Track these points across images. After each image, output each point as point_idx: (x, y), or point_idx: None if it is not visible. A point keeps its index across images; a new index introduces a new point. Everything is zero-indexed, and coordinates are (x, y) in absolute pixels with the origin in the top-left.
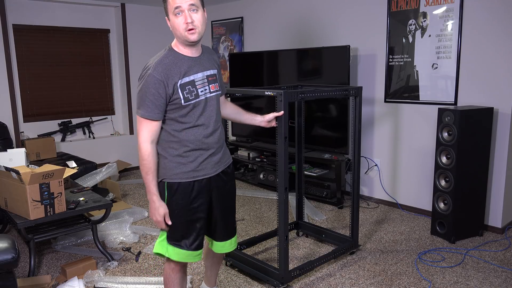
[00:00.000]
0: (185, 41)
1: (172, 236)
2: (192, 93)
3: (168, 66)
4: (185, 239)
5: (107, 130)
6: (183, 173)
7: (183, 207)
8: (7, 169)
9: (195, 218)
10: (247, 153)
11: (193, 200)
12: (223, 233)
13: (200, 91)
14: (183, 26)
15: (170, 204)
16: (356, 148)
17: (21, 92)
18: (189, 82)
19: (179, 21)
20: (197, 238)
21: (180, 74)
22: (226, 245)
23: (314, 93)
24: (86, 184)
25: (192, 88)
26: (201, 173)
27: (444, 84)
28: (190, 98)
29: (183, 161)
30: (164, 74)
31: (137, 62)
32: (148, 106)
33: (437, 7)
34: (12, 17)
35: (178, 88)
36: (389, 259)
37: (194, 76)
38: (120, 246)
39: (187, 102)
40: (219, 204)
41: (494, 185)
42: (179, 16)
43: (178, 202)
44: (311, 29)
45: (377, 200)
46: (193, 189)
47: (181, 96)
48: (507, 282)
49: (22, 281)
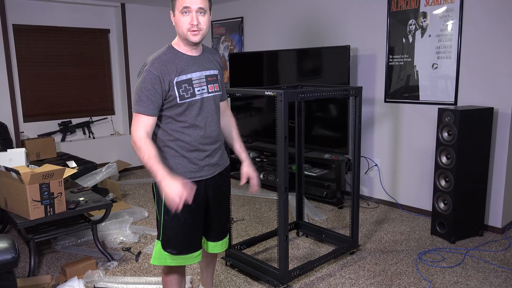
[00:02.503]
0: (185, 40)
1: (168, 242)
2: (188, 91)
3: (165, 62)
4: (181, 242)
5: (107, 130)
6: (182, 174)
7: (182, 208)
8: (7, 169)
9: (193, 219)
10: (247, 153)
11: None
12: (216, 233)
13: (197, 90)
14: (187, 26)
15: (167, 205)
16: (356, 148)
17: (21, 92)
18: (186, 80)
19: (184, 20)
20: (194, 239)
21: (177, 71)
22: (217, 245)
23: (314, 93)
24: (86, 184)
25: (188, 86)
26: (198, 174)
27: (444, 84)
28: (185, 96)
29: (180, 162)
30: (160, 70)
31: (137, 62)
32: (144, 102)
33: (437, 7)
34: (12, 17)
35: (174, 85)
36: (389, 259)
37: (191, 74)
38: (120, 246)
39: (182, 100)
40: (214, 205)
41: (494, 185)
42: (185, 15)
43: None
44: (311, 29)
45: (377, 200)
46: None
47: (176, 94)
48: (507, 282)
49: (22, 281)
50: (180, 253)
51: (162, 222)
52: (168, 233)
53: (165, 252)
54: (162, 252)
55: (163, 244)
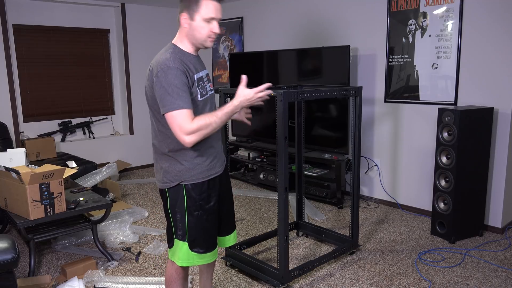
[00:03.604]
0: (199, 44)
1: (195, 242)
2: (203, 88)
3: (183, 60)
4: (206, 240)
5: (107, 130)
6: (199, 173)
7: (202, 207)
8: (7, 169)
9: (214, 216)
10: (247, 153)
11: (209, 198)
12: (227, 227)
13: (207, 88)
14: (209, 33)
15: (190, 206)
16: (356, 148)
17: (21, 92)
18: (200, 78)
19: (207, 27)
20: (215, 236)
21: (194, 69)
22: (231, 238)
23: (314, 93)
24: (86, 184)
25: (203, 84)
26: (213, 171)
27: (444, 84)
28: (203, 94)
29: (198, 161)
30: (183, 65)
31: (137, 62)
32: (182, 97)
33: (437, 7)
34: (12, 17)
35: (195, 82)
36: (389, 259)
37: (201, 73)
38: (120, 246)
39: (202, 97)
40: (225, 199)
41: (494, 185)
42: (210, 24)
43: (198, 202)
44: (311, 29)
45: (377, 200)
46: (209, 188)
47: (198, 91)
48: (507, 282)
49: (22, 281)
50: (207, 250)
51: (187, 224)
52: (193, 233)
53: (192, 252)
54: (190, 252)
55: (190, 244)
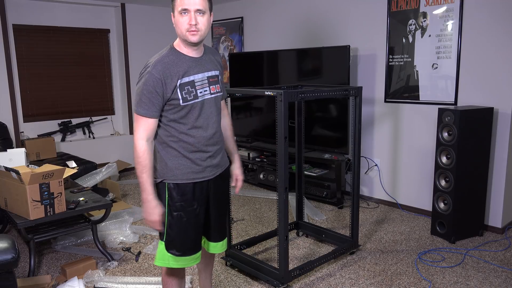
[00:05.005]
0: (185, 41)
1: (172, 243)
2: (191, 93)
3: (167, 65)
4: (184, 243)
5: (107, 130)
6: (184, 174)
7: (184, 208)
8: (7, 169)
9: (196, 220)
10: (247, 153)
11: (193, 201)
12: (217, 234)
13: (199, 92)
14: (186, 26)
15: (170, 206)
16: (356, 148)
17: (21, 92)
18: (189, 83)
19: (183, 20)
20: (196, 240)
21: (180, 74)
22: (218, 246)
23: (314, 93)
24: (86, 184)
25: (191, 88)
26: (200, 175)
27: (444, 84)
28: (188, 99)
29: (183, 162)
30: (163, 73)
31: (137, 62)
32: (146, 104)
33: (437, 7)
34: (12, 17)
35: (177, 87)
36: (389, 259)
37: (194, 76)
38: (120, 246)
39: (185, 103)
40: (215, 205)
41: (494, 185)
42: (184, 16)
43: (179, 203)
44: (311, 29)
45: (377, 200)
46: (194, 191)
47: (179, 96)
48: (507, 282)
49: (22, 281)
50: (184, 254)
51: (166, 223)
52: (171, 234)
53: (168, 254)
54: (165, 253)
55: (167, 245)
